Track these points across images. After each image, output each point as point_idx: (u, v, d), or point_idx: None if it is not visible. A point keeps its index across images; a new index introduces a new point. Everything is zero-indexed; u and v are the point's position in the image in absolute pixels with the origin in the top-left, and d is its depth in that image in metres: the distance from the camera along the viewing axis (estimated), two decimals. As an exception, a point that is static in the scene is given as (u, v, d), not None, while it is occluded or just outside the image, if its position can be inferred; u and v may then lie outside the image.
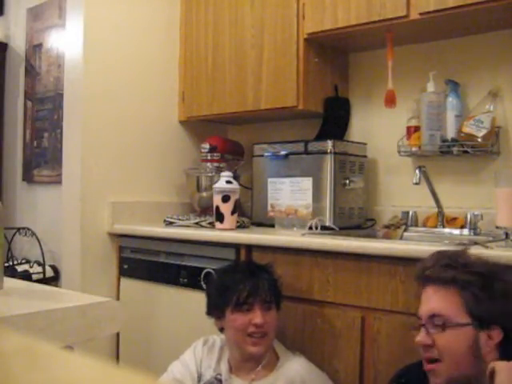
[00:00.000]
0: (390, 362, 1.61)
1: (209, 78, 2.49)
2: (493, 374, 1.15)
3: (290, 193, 2.21)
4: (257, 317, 1.64)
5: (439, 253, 1.36)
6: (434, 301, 1.29)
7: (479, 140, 1.96)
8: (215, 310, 1.73)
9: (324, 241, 1.77)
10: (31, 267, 2.58)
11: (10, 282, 0.89)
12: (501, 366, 1.15)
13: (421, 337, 1.28)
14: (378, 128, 2.34)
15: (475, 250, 1.47)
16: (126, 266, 2.34)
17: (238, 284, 1.67)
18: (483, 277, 1.25)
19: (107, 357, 2.32)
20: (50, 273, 2.60)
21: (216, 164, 2.40)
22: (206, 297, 1.77)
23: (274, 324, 1.68)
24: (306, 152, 2.19)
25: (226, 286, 1.69)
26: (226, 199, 2.11)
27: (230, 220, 2.12)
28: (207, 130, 2.68)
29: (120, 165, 2.40)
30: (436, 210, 2.08)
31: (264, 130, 2.68)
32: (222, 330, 1.75)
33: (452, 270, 1.27)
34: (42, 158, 2.78)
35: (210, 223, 2.20)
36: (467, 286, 1.24)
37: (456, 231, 2.02)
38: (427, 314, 1.28)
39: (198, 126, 2.69)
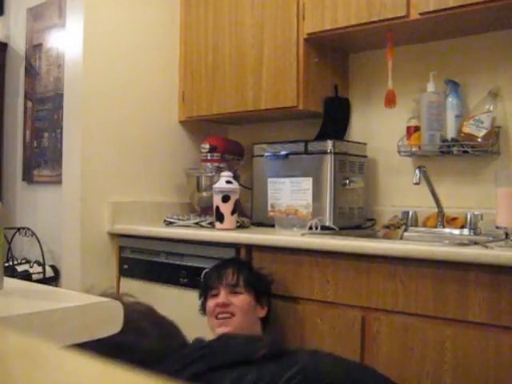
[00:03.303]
0: (389, 361, 1.61)
1: (209, 78, 2.49)
2: None
3: (290, 193, 2.21)
4: (220, 297, 1.73)
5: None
6: None
7: (479, 140, 1.96)
8: (202, 306, 1.83)
9: (324, 241, 1.77)
10: (31, 267, 2.58)
11: (9, 282, 0.89)
12: None
13: None
14: (378, 128, 2.34)
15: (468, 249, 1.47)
16: (125, 266, 2.34)
17: (212, 275, 1.81)
18: None
19: (107, 357, 2.32)
20: (50, 273, 2.60)
21: (216, 164, 2.40)
22: (198, 297, 1.88)
23: (243, 307, 1.73)
24: (306, 152, 2.19)
25: (207, 281, 1.83)
26: (225, 199, 2.11)
27: (230, 220, 2.12)
28: (207, 130, 2.68)
29: (120, 165, 2.40)
30: (436, 210, 2.08)
31: (264, 130, 2.67)
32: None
33: None
34: (42, 157, 2.78)
35: (210, 223, 2.20)
36: None
37: (456, 231, 2.02)
38: None
39: (197, 126, 2.69)
